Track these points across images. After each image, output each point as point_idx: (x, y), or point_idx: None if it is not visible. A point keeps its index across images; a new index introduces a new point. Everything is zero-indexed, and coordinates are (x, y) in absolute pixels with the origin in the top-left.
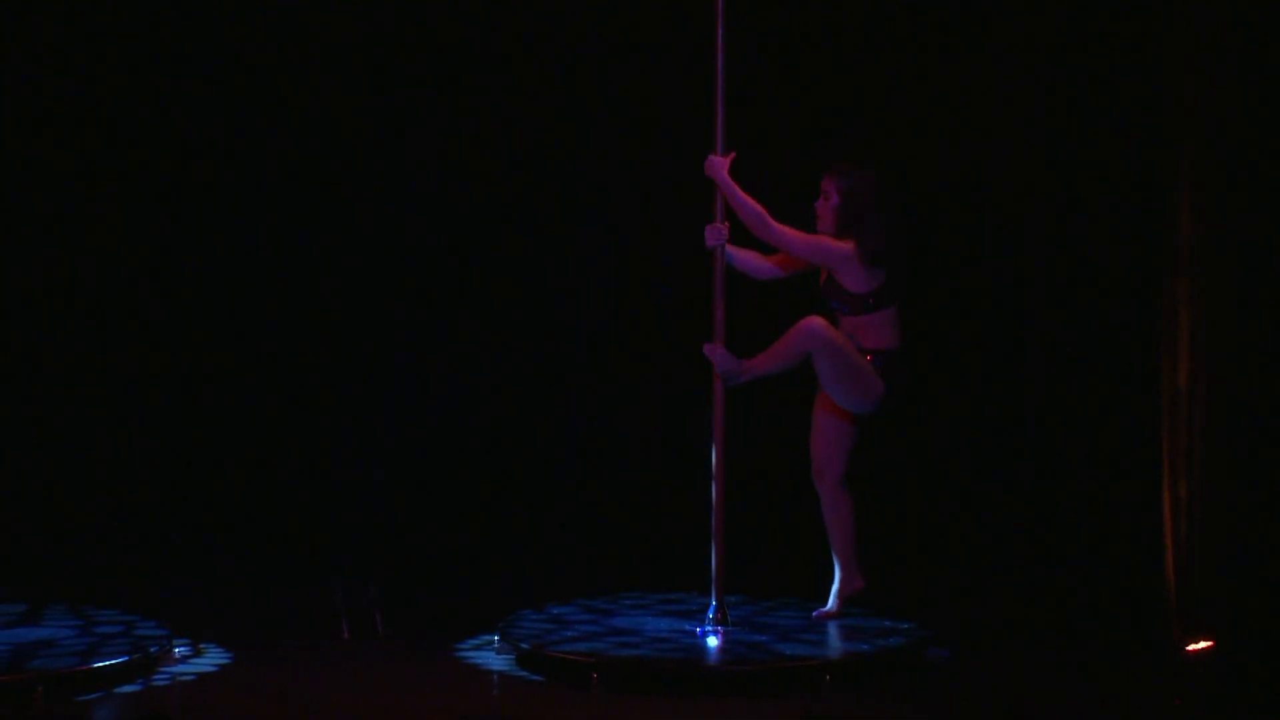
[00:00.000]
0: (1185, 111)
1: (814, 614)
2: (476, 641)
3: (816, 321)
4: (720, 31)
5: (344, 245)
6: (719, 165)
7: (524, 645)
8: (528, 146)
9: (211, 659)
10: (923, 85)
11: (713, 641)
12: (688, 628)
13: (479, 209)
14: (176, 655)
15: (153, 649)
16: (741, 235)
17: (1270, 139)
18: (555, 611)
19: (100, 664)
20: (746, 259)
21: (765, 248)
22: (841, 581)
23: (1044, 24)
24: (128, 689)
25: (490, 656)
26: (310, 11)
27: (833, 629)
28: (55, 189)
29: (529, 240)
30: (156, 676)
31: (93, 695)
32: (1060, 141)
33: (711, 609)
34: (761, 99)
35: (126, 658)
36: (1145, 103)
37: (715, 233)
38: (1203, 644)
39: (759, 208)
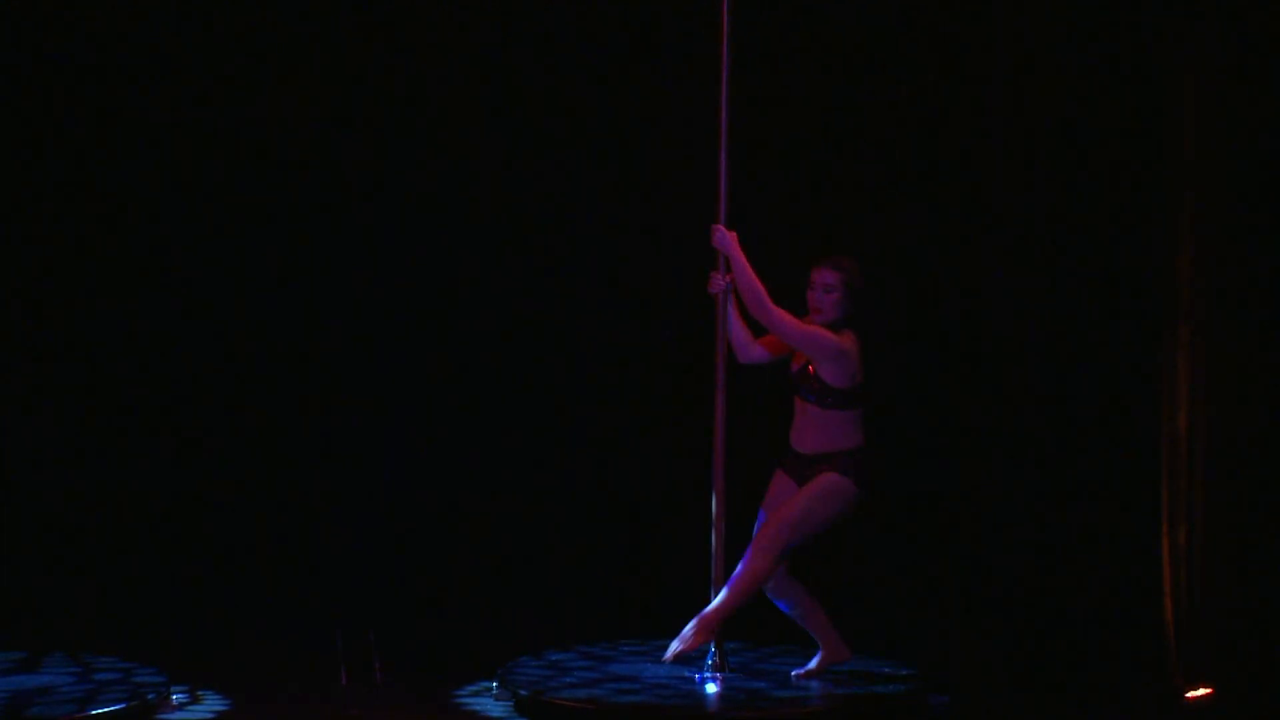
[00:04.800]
0: (1185, 160)
1: (793, 674)
2: (475, 688)
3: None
4: (725, 92)
5: (340, 295)
6: (730, 239)
7: (522, 692)
8: (529, 188)
9: (209, 706)
10: (925, 137)
11: (711, 688)
12: (687, 674)
13: (474, 253)
14: (174, 702)
15: (150, 696)
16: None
17: (1269, 187)
18: (554, 658)
19: (98, 711)
20: (739, 333)
21: (759, 328)
22: (826, 651)
23: (1044, 71)
24: None
25: (489, 703)
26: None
27: (833, 675)
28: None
29: (527, 288)
30: None
31: None
32: (1061, 187)
33: (710, 655)
34: (764, 162)
35: (124, 704)
36: (1146, 151)
37: (716, 281)
38: (1202, 691)
39: (761, 287)
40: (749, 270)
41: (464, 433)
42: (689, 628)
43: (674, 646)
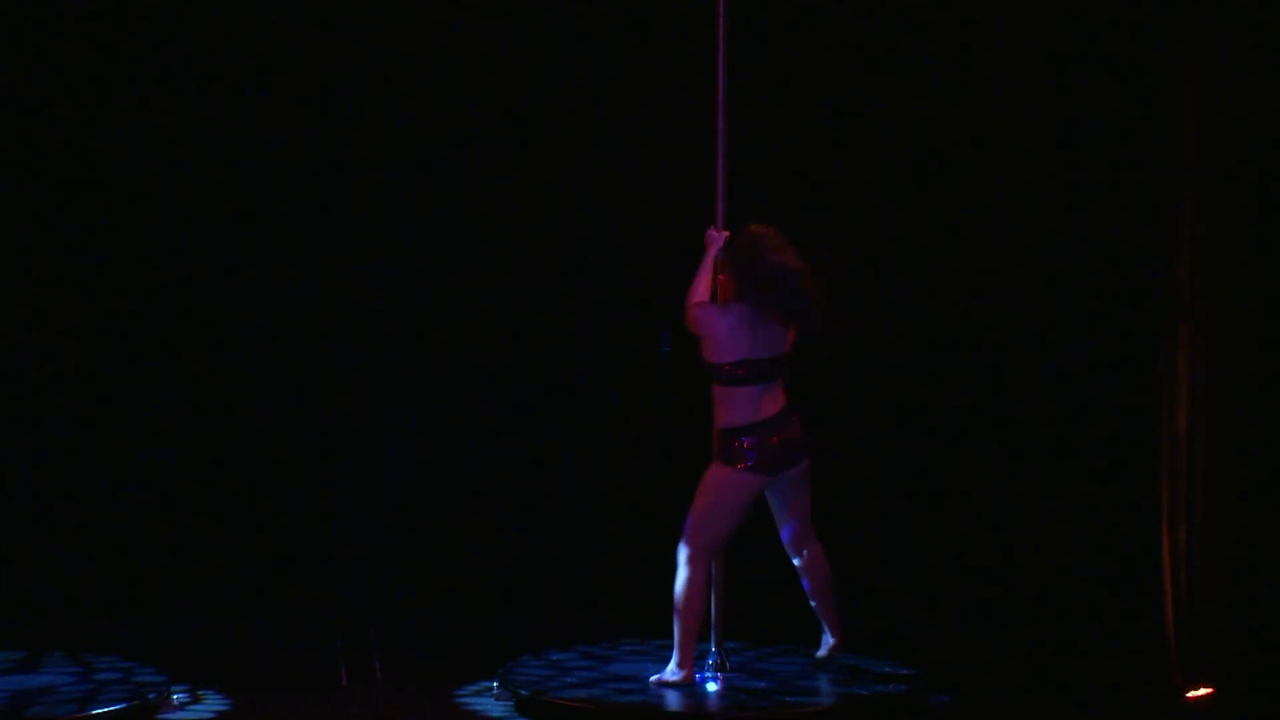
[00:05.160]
0: (1185, 160)
1: (817, 654)
2: (475, 687)
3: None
4: (722, 92)
5: (340, 295)
6: (714, 241)
7: (523, 691)
8: (528, 188)
9: (210, 705)
10: (925, 138)
11: (712, 688)
12: None
13: (474, 253)
14: (175, 702)
15: (151, 695)
16: None
17: (1269, 187)
18: (555, 658)
19: (98, 711)
20: None
21: None
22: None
23: (1044, 71)
24: None
25: (489, 703)
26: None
27: (834, 675)
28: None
29: (527, 288)
30: None
31: None
32: (1062, 187)
33: (712, 655)
34: (763, 162)
35: (125, 704)
36: (1147, 152)
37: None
38: (1203, 691)
39: (696, 292)
40: (703, 274)
41: (464, 432)
42: (671, 668)
43: (664, 676)
